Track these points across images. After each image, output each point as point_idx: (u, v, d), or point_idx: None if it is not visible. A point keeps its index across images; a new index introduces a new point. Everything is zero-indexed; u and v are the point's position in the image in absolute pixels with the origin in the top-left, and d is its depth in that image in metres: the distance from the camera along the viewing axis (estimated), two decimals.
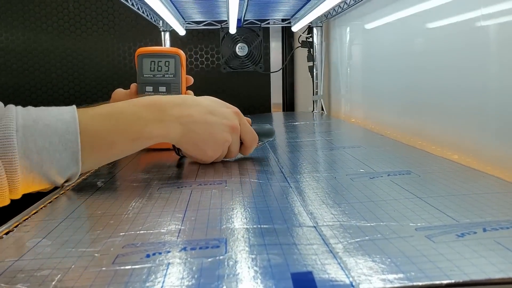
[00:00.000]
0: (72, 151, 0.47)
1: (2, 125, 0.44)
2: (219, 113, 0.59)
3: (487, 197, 0.43)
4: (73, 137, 0.47)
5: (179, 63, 0.76)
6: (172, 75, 0.75)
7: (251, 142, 0.64)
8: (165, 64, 0.75)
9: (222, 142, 0.60)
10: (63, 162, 0.47)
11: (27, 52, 1.72)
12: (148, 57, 0.76)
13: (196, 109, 0.58)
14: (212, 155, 0.61)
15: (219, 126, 0.59)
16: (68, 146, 0.47)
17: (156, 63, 0.76)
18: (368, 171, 0.56)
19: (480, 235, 0.33)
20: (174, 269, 0.30)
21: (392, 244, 0.32)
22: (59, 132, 0.47)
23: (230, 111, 0.61)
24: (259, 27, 1.65)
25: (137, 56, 0.76)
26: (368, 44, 1.17)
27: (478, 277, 0.27)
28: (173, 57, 0.75)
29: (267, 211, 0.42)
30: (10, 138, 0.44)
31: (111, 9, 1.73)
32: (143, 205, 0.45)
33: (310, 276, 0.28)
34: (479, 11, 0.63)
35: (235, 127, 0.61)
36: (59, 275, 0.30)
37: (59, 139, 0.47)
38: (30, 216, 0.43)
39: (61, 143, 0.47)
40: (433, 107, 0.79)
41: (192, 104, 0.58)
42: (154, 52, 0.76)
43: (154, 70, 0.75)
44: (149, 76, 0.75)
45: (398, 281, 0.27)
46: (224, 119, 0.59)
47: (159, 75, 0.75)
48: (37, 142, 0.45)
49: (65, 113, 0.48)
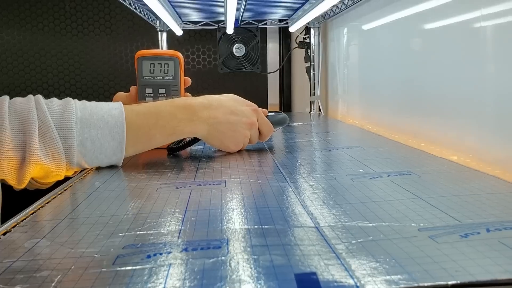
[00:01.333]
0: (119, 141, 0.59)
1: (65, 117, 0.56)
2: (240, 112, 0.69)
3: (488, 198, 0.43)
4: (120, 130, 0.59)
5: (178, 66, 0.78)
6: (171, 77, 0.77)
7: (268, 132, 0.74)
8: (164, 66, 0.76)
9: (242, 138, 0.71)
10: (111, 150, 0.59)
11: (23, 52, 1.71)
12: (147, 60, 0.77)
13: (220, 110, 0.68)
14: (234, 148, 0.72)
15: (240, 124, 0.69)
16: (115, 137, 0.59)
17: (155, 66, 0.77)
18: (368, 171, 0.56)
19: (483, 236, 0.33)
20: (176, 270, 0.29)
21: (395, 244, 0.32)
22: (109, 125, 0.58)
23: (249, 109, 0.71)
24: (256, 28, 1.65)
25: (137, 58, 0.77)
26: (365, 45, 1.17)
27: (484, 278, 0.26)
28: (172, 60, 0.77)
29: (267, 211, 0.41)
30: (71, 129, 0.55)
31: (107, 9, 1.72)
32: (142, 206, 0.44)
33: (314, 277, 0.27)
34: (477, 12, 0.63)
35: (254, 123, 0.71)
36: (58, 276, 0.29)
37: (109, 131, 0.58)
38: (28, 217, 0.43)
39: (110, 134, 0.58)
40: (431, 108, 0.79)
41: (218, 106, 0.68)
42: (153, 54, 0.77)
43: (154, 73, 0.76)
44: (148, 78, 0.76)
45: (403, 281, 0.26)
46: (244, 117, 0.69)
47: (159, 77, 0.76)
48: (92, 133, 0.57)
49: (114, 109, 0.60)
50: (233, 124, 0.68)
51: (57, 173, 0.56)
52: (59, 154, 0.55)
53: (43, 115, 0.55)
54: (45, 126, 0.54)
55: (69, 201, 0.49)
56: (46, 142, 0.54)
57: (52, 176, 0.56)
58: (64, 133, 0.55)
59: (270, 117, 0.74)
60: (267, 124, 0.73)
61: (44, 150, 0.54)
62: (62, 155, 0.55)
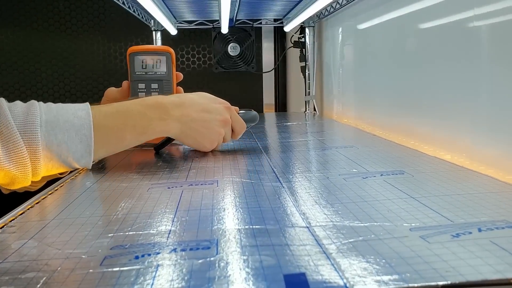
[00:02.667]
0: (86, 144, 0.56)
1: (28, 121, 0.52)
2: (213, 109, 0.68)
3: (481, 197, 0.43)
4: (88, 132, 0.56)
5: (170, 61, 0.78)
6: (164, 72, 0.76)
7: (241, 130, 0.73)
8: (156, 61, 0.76)
9: (217, 136, 0.69)
10: (78, 153, 0.56)
11: (17, 51, 1.70)
12: (140, 55, 0.76)
13: (193, 108, 0.66)
14: (209, 146, 0.70)
15: (214, 121, 0.68)
16: (83, 139, 0.56)
17: (147, 61, 0.77)
18: (361, 171, 0.56)
19: (475, 235, 0.33)
20: (164, 271, 0.29)
21: (386, 244, 0.32)
22: (76, 128, 0.55)
23: (222, 106, 0.70)
24: (251, 27, 1.65)
25: (129, 54, 0.77)
26: (360, 44, 1.17)
27: (474, 278, 0.26)
28: (164, 55, 0.76)
29: (259, 211, 0.41)
30: (35, 133, 0.52)
31: (102, 8, 1.71)
32: (133, 206, 0.44)
33: (303, 278, 0.27)
34: (471, 11, 0.63)
35: (227, 121, 0.70)
36: (44, 277, 0.29)
37: (76, 133, 0.55)
38: (16, 217, 0.42)
39: (77, 136, 0.55)
40: (425, 107, 0.79)
41: (190, 104, 0.66)
42: (145, 50, 0.77)
43: (146, 68, 0.76)
44: (141, 74, 0.76)
45: (393, 282, 0.26)
46: (218, 115, 0.68)
47: (151, 72, 0.76)
48: (58, 136, 0.54)
49: (80, 110, 0.57)
50: (207, 121, 0.67)
51: (23, 179, 0.53)
52: (23, 160, 0.52)
53: (5, 118, 0.51)
54: (8, 131, 0.51)
55: (59, 201, 0.48)
56: (9, 147, 0.51)
57: (18, 182, 0.53)
58: (28, 137, 0.52)
59: (242, 114, 0.74)
60: (239, 122, 0.73)
61: (7, 155, 0.51)
62: (27, 161, 0.52)
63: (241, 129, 0.73)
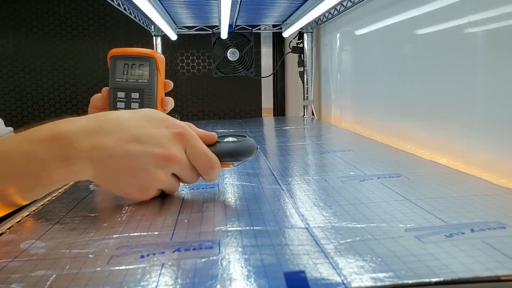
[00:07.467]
0: None
1: None
2: (148, 138, 0.44)
3: (474, 199, 0.44)
4: None
5: (154, 67, 0.66)
6: (146, 80, 0.65)
7: (207, 170, 0.47)
8: (139, 67, 0.66)
9: (149, 181, 0.45)
10: None
11: (18, 56, 1.71)
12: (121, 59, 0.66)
13: (115, 136, 0.43)
14: (139, 195, 0.46)
15: (145, 158, 0.43)
16: None
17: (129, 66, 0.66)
18: (358, 174, 0.57)
19: (468, 235, 0.34)
20: (168, 269, 0.30)
21: (382, 244, 0.33)
22: None
23: (168, 132, 0.45)
24: (250, 33, 1.66)
25: (110, 57, 0.67)
26: (358, 50, 1.18)
27: (466, 275, 0.27)
28: (147, 60, 0.65)
29: (259, 213, 0.42)
30: None
31: (102, 13, 1.73)
32: (136, 209, 0.45)
33: (303, 275, 0.28)
34: (466, 18, 0.65)
35: (170, 157, 0.44)
36: (53, 275, 0.30)
37: None
38: (23, 219, 0.43)
39: None
40: (421, 112, 0.81)
41: (112, 130, 0.44)
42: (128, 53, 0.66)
43: (128, 74, 0.66)
44: (121, 81, 0.66)
45: (388, 279, 0.27)
46: (155, 147, 0.44)
47: (132, 79, 0.65)
48: None
49: None
50: (133, 157, 0.43)
51: None
52: None
53: None
54: None
55: (64, 204, 0.49)
56: None
57: None
58: None
59: (230, 144, 0.49)
60: (204, 157, 0.46)
61: None
62: None
63: (208, 168, 0.47)
